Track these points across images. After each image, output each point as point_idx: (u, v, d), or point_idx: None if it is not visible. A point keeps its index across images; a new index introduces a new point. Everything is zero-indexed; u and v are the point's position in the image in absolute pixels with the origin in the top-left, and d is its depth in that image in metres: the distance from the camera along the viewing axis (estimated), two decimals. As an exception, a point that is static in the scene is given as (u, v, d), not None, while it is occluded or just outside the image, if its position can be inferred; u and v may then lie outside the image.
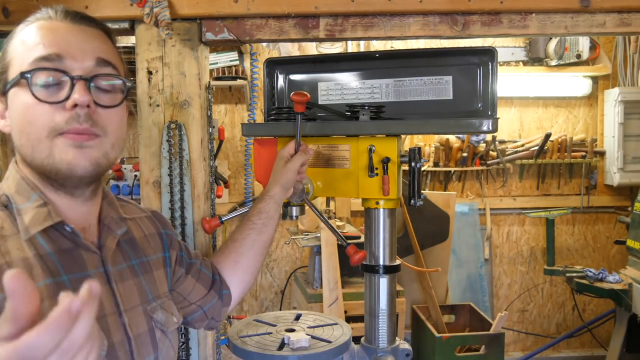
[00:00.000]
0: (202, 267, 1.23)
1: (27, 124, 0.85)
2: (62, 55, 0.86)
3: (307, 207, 1.41)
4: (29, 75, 0.84)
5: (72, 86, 0.85)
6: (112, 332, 0.89)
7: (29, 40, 0.87)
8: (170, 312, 1.05)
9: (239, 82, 3.38)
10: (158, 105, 1.44)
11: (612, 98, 3.66)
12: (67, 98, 0.85)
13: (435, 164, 3.70)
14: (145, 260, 1.05)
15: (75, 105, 0.84)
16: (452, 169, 3.71)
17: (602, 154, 3.79)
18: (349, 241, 1.32)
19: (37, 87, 0.85)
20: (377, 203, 1.36)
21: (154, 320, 1.00)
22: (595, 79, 3.77)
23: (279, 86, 1.52)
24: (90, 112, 0.86)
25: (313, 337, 1.35)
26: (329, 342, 1.34)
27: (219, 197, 1.67)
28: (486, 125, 1.26)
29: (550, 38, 3.50)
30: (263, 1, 1.40)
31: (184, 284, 1.17)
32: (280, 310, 3.55)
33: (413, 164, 1.33)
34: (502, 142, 3.75)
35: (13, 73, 0.87)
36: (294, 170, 1.27)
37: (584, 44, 3.53)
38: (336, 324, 1.46)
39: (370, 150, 1.29)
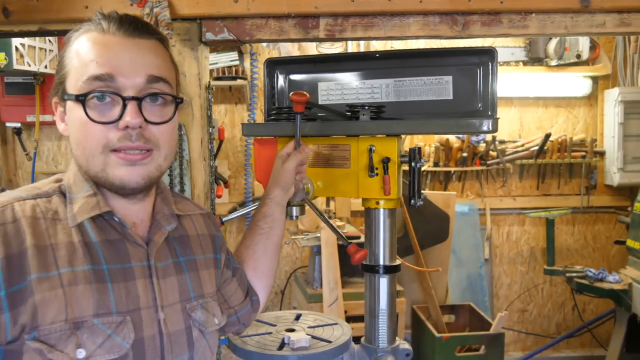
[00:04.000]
0: (242, 273, 1.25)
1: (82, 138, 0.90)
2: (114, 75, 0.88)
3: (307, 207, 1.41)
4: (82, 98, 0.88)
5: (124, 106, 0.88)
6: (144, 326, 0.91)
7: (84, 54, 0.91)
8: (212, 312, 1.05)
9: (239, 82, 3.38)
10: (158, 105, 1.43)
11: (612, 98, 3.66)
12: (120, 118, 0.88)
13: (435, 164, 3.70)
14: (193, 258, 1.06)
15: (126, 127, 0.89)
16: (452, 169, 3.71)
17: (602, 154, 3.79)
18: (349, 241, 1.32)
19: (90, 108, 0.89)
20: (378, 203, 1.36)
21: (192, 319, 1.00)
22: (595, 79, 3.77)
23: (279, 86, 1.52)
24: (141, 131, 0.90)
25: (313, 337, 1.35)
26: (329, 342, 1.34)
27: (219, 197, 1.67)
28: (486, 125, 1.26)
29: (550, 38, 3.50)
30: (263, 1, 1.40)
31: (229, 286, 1.19)
32: (280, 310, 3.55)
33: (413, 164, 1.33)
34: (502, 142, 3.75)
35: (70, 86, 0.91)
36: (291, 170, 1.26)
37: (584, 44, 3.53)
38: (336, 324, 1.46)
39: (370, 150, 1.29)
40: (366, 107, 1.33)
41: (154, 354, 0.92)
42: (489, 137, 3.66)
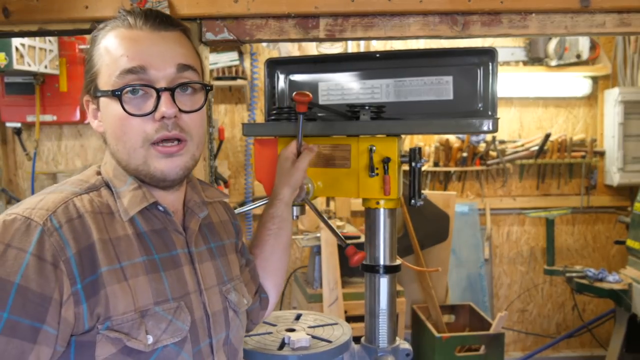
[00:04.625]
0: (254, 266, 1.27)
1: (122, 133, 0.93)
2: (146, 67, 0.91)
3: (307, 207, 1.41)
4: (118, 93, 0.91)
5: (158, 98, 0.91)
6: (194, 309, 0.96)
7: (114, 50, 0.93)
8: (241, 293, 1.11)
9: (239, 82, 3.38)
10: (158, 105, 1.43)
11: (612, 98, 3.66)
12: (155, 109, 0.91)
13: (435, 164, 3.70)
14: (221, 244, 1.11)
15: (162, 117, 0.92)
16: (452, 169, 3.71)
17: (602, 154, 3.79)
18: (349, 241, 1.32)
19: (126, 102, 0.91)
20: (378, 203, 1.36)
21: (228, 301, 1.06)
22: (595, 79, 3.77)
23: (279, 86, 1.52)
24: (176, 120, 0.93)
25: (313, 337, 1.35)
26: (329, 342, 1.34)
27: (219, 197, 1.67)
28: (486, 125, 1.26)
29: (550, 38, 3.50)
30: (263, 1, 1.40)
31: (243, 275, 1.20)
32: (280, 310, 3.55)
33: (413, 164, 1.33)
34: (502, 142, 3.75)
35: (103, 83, 0.93)
36: (303, 169, 1.26)
37: (584, 44, 3.54)
38: (336, 323, 1.46)
39: (370, 150, 1.29)
40: (366, 107, 1.33)
41: (204, 334, 0.98)
42: (489, 137, 3.66)
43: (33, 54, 2.94)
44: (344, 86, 1.46)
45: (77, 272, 0.83)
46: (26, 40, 2.85)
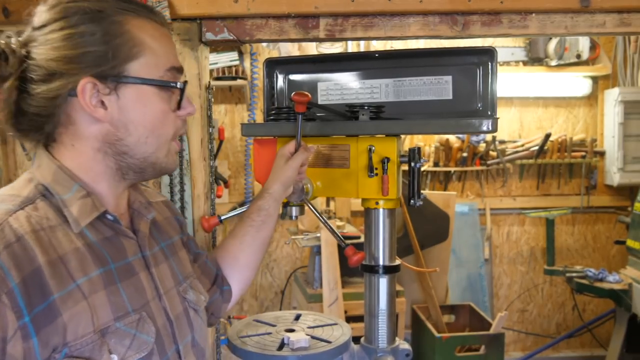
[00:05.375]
0: (207, 260, 1.24)
1: (161, 126, 0.92)
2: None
3: (306, 207, 1.41)
4: (182, 86, 0.93)
5: (182, 94, 0.95)
6: (156, 317, 0.91)
7: (157, 42, 0.91)
8: (198, 290, 1.09)
9: (239, 82, 3.38)
10: (158, 105, 1.43)
11: (612, 98, 3.66)
12: (179, 106, 0.95)
13: (435, 164, 3.70)
14: (170, 242, 1.08)
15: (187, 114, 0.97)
16: (452, 169, 3.71)
17: (602, 154, 3.79)
18: (349, 241, 1.32)
19: (170, 98, 0.94)
20: (377, 203, 1.36)
21: (187, 301, 1.03)
22: (595, 79, 3.77)
23: (278, 86, 1.51)
24: None
25: (313, 337, 1.35)
26: (329, 342, 1.33)
27: (219, 197, 1.67)
28: (486, 125, 1.26)
29: (550, 38, 3.50)
30: (263, 1, 1.40)
31: (193, 271, 1.18)
32: (280, 310, 3.55)
33: (413, 164, 1.33)
34: (502, 142, 3.75)
35: (143, 71, 0.89)
36: (295, 167, 1.26)
37: (584, 44, 3.53)
38: (336, 324, 1.46)
39: (369, 150, 1.29)
40: (365, 107, 1.33)
41: (170, 341, 0.94)
42: (489, 137, 3.66)
43: (33, 54, 2.94)
44: (343, 86, 1.46)
45: (23, 304, 0.74)
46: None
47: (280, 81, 1.51)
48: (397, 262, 1.42)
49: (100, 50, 0.85)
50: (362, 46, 3.53)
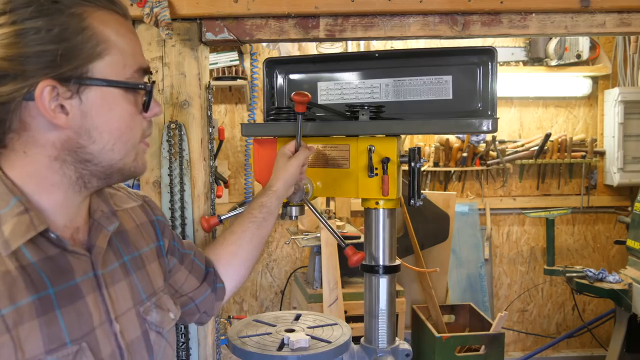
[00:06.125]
0: (196, 258, 1.19)
1: (128, 130, 0.85)
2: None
3: (306, 207, 1.41)
4: (150, 88, 0.86)
5: (149, 96, 0.87)
6: (101, 346, 0.81)
7: (124, 41, 0.82)
8: (166, 308, 0.99)
9: (239, 82, 3.37)
10: (158, 105, 1.43)
11: (612, 98, 3.65)
12: (146, 108, 0.88)
13: (435, 164, 3.70)
14: (137, 254, 0.98)
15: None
16: (452, 169, 3.71)
17: (602, 154, 3.78)
18: (349, 241, 1.32)
19: (137, 100, 0.87)
20: (377, 203, 1.36)
21: (148, 323, 0.93)
22: (595, 79, 3.77)
23: (278, 86, 1.52)
24: None
25: (313, 338, 1.35)
26: (329, 342, 1.34)
27: (219, 197, 1.67)
28: (486, 125, 1.26)
29: (550, 38, 3.50)
30: (263, 1, 1.40)
31: (177, 275, 1.13)
32: (280, 310, 3.55)
33: (413, 164, 1.33)
34: (502, 142, 3.75)
35: (107, 72, 0.80)
36: (298, 166, 1.26)
37: (584, 44, 3.53)
38: (336, 324, 1.46)
39: (369, 150, 1.29)
40: (365, 107, 1.33)
41: None
42: (489, 137, 3.66)
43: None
44: (343, 86, 1.46)
45: None
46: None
47: (280, 81, 1.51)
48: (397, 262, 1.43)
49: (60, 48, 0.75)
50: (362, 46, 3.53)
